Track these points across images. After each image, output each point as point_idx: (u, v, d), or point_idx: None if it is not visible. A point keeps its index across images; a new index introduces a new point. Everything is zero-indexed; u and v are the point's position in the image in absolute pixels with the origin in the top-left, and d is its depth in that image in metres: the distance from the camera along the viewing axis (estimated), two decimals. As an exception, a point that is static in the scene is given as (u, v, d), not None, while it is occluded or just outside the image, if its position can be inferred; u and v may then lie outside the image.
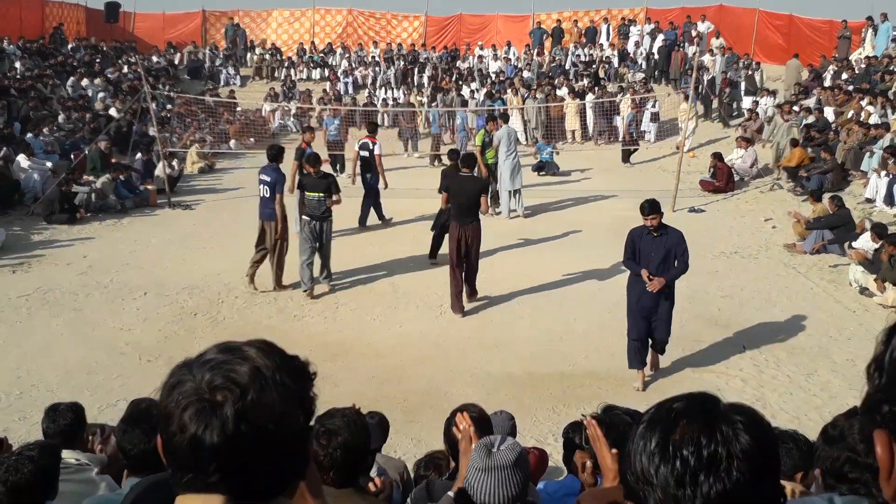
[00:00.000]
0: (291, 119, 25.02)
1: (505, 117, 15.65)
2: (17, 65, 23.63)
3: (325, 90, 26.98)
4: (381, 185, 14.09)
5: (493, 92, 24.07)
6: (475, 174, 11.21)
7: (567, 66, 28.42)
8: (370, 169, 14.00)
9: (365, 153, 14.09)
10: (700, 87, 21.21)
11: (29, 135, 17.57)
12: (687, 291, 10.89)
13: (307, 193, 10.53)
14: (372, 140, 14.17)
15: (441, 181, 11.27)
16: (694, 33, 27.72)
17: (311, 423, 1.39)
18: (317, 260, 10.75)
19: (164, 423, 1.29)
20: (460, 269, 10.16)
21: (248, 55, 31.62)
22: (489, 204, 11.06)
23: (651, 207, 7.97)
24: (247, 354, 1.32)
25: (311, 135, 13.92)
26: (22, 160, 15.86)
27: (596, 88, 24.60)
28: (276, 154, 11.00)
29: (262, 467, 1.28)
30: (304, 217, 10.64)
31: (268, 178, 10.59)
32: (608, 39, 30.18)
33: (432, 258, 12.10)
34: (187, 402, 1.26)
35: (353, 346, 9.10)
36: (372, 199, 14.21)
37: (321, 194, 10.37)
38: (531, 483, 4.28)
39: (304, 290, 10.62)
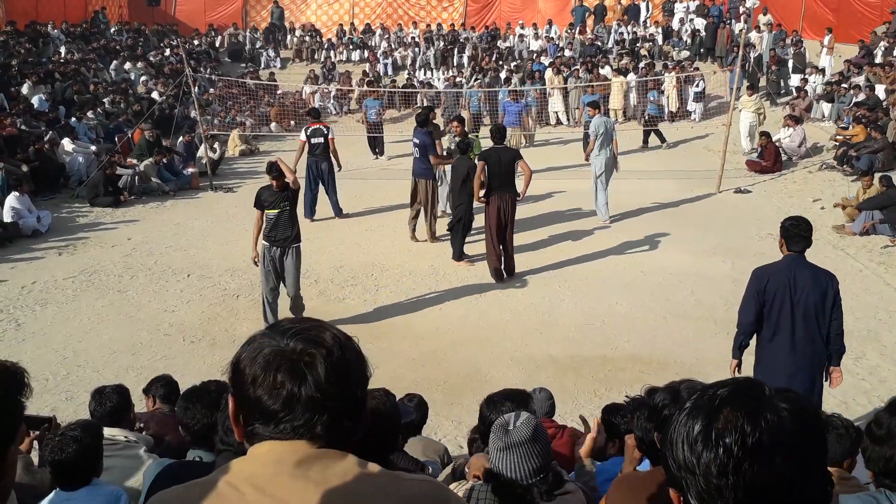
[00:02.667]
0: (332, 101, 25.03)
1: (594, 104, 14.28)
2: (62, 49, 23.94)
3: (364, 71, 26.94)
4: (336, 169, 13.70)
5: (530, 73, 23.91)
6: (508, 144, 11.26)
7: (610, 45, 28.03)
8: (328, 156, 13.51)
9: (319, 139, 13.42)
10: (747, 64, 20.70)
11: (73, 119, 17.81)
12: (732, 274, 10.72)
13: (266, 212, 8.61)
14: (324, 126, 13.74)
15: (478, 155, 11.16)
16: (742, 9, 27.11)
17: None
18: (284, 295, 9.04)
19: (252, 385, 1.43)
20: (500, 239, 10.29)
21: (288, 37, 31.67)
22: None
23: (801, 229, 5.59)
24: (322, 324, 1.52)
25: (459, 125, 13.07)
26: (66, 144, 16.10)
27: (640, 66, 24.21)
28: (424, 119, 12.04)
29: (340, 419, 1.46)
30: (263, 242, 8.71)
31: (418, 141, 11.71)
32: (646, 16, 29.65)
33: (459, 259, 11.27)
34: (279, 363, 1.42)
35: (394, 329, 9.10)
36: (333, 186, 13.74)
37: (285, 211, 8.56)
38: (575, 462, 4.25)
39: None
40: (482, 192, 10.37)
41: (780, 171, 16.72)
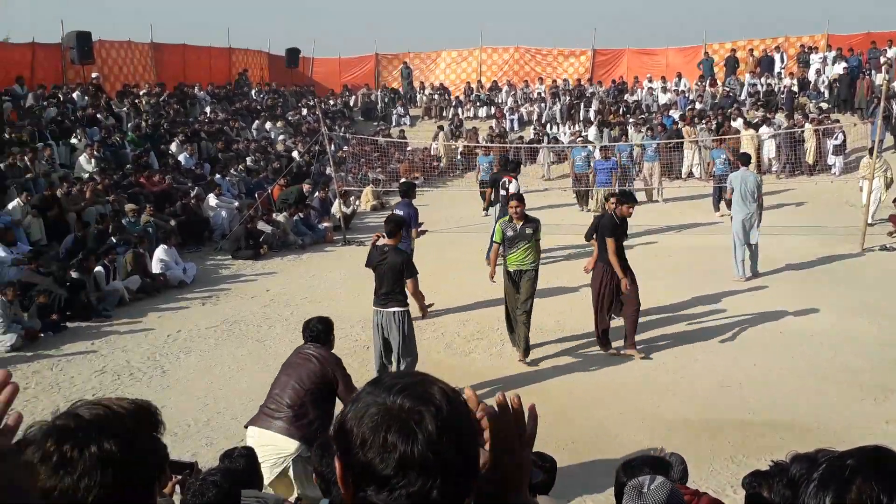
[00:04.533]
0: (459, 156, 25.49)
1: (745, 158, 13.78)
2: (207, 109, 25.48)
3: (491, 127, 27.34)
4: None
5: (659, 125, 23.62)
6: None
7: (742, 97, 27.41)
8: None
9: (502, 192, 13.55)
10: (890, 116, 19.77)
11: (217, 175, 18.84)
12: (879, 335, 10.15)
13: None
14: (509, 178, 13.87)
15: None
16: (883, 59, 25.99)
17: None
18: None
19: (361, 448, 1.35)
20: (605, 312, 9.77)
21: (418, 95, 32.62)
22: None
23: None
24: (429, 378, 1.43)
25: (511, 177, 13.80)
26: (211, 199, 17.03)
27: (776, 118, 23.50)
28: (407, 190, 11.54)
29: (454, 482, 1.35)
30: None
31: (401, 213, 10.65)
32: (781, 67, 28.79)
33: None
34: (388, 424, 1.34)
35: (521, 385, 9.03)
36: None
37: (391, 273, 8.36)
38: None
39: None
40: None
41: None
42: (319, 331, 6.31)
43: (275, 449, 5.82)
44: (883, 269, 13.48)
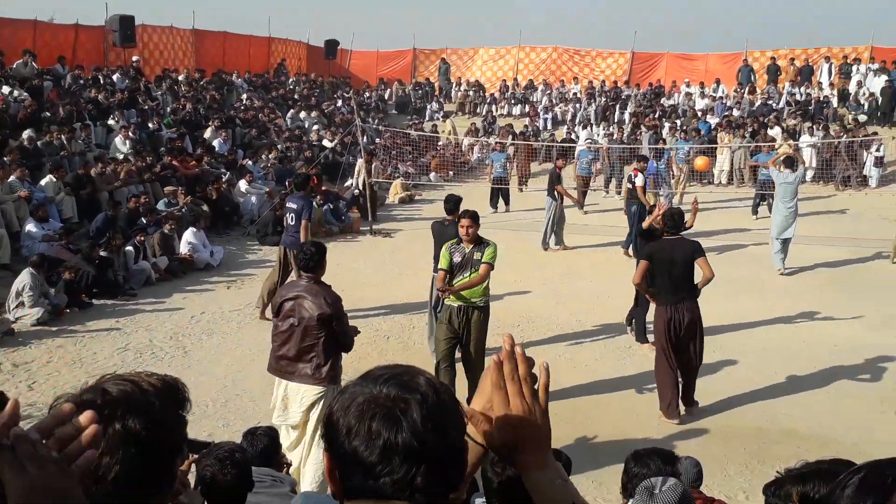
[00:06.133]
0: (491, 152, 25.44)
1: (789, 161, 14.30)
2: (244, 97, 25.69)
3: (525, 125, 27.26)
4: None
5: (686, 130, 23.33)
6: (681, 233, 8.19)
7: (780, 105, 27.08)
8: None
9: (629, 185, 14.48)
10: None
11: (249, 161, 18.99)
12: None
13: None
14: (635, 172, 14.38)
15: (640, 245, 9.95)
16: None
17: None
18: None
19: (347, 437, 1.36)
20: (675, 362, 8.00)
21: (454, 91, 32.62)
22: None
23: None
24: (416, 370, 1.43)
25: (562, 161, 15.36)
26: (242, 185, 17.18)
27: (814, 129, 23.18)
28: (302, 182, 11.31)
29: (439, 472, 1.35)
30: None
31: (294, 206, 10.70)
32: (829, 79, 28.33)
33: (641, 341, 10.16)
34: (373, 412, 1.35)
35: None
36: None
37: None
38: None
39: None
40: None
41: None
42: (312, 253, 6.24)
43: (303, 395, 6.19)
44: (915, 284, 13.26)
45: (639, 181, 14.16)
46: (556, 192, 15.17)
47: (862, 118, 24.80)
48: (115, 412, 1.51)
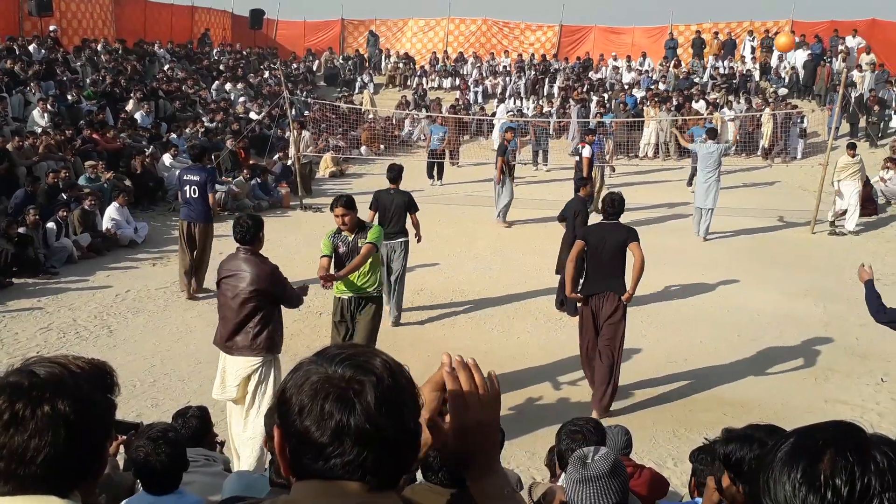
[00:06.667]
0: (421, 126, 25.37)
1: (712, 132, 15.04)
2: (167, 68, 24.98)
3: (455, 99, 27.22)
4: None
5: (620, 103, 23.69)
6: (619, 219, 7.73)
7: (705, 79, 27.64)
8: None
9: (576, 157, 14.60)
10: (847, 104, 20.09)
11: (173, 135, 18.51)
12: (824, 317, 10.37)
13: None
14: (582, 144, 14.56)
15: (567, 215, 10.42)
16: (841, 48, 26.36)
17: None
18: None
19: (299, 415, 1.34)
20: (592, 360, 7.64)
21: (383, 63, 32.31)
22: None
23: None
24: (373, 350, 1.43)
25: (511, 133, 15.74)
26: (166, 159, 16.73)
27: (735, 101, 23.75)
28: (200, 153, 11.30)
29: (392, 454, 1.35)
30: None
31: (196, 178, 10.53)
32: (752, 53, 29.04)
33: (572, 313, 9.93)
34: (327, 392, 1.32)
35: (471, 355, 9.03)
36: None
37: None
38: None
39: None
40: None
41: (876, 215, 16.08)
42: (249, 226, 6.17)
43: (239, 368, 6.11)
44: (831, 252, 13.76)
45: (586, 152, 14.31)
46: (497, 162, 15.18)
47: (783, 91, 25.48)
48: (43, 394, 1.50)
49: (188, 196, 10.56)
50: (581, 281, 7.84)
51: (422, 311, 10.47)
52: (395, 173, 10.15)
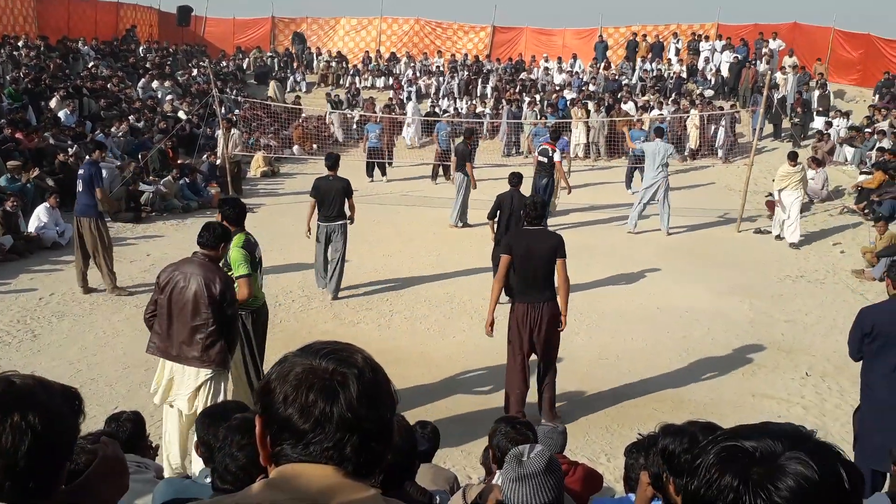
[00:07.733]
0: (354, 126, 25.21)
1: (659, 131, 15.38)
2: (91, 65, 24.30)
3: (389, 98, 27.13)
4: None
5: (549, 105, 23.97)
6: (544, 224, 7.70)
7: (634, 81, 28.15)
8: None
9: (544, 159, 14.21)
10: (770, 105, 20.68)
11: (100, 134, 18.02)
12: (749, 314, 10.66)
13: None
14: (552, 147, 14.27)
15: (497, 211, 10.71)
16: (765, 50, 27.16)
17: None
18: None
19: (283, 404, 1.41)
20: (526, 369, 7.32)
21: (315, 62, 32.02)
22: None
23: None
24: (353, 347, 1.53)
25: (472, 137, 15.75)
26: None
27: (665, 103, 24.25)
28: (94, 148, 11.47)
29: (369, 442, 1.43)
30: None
31: (82, 172, 10.55)
32: (677, 55, 29.72)
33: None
34: (311, 382, 1.41)
35: (407, 355, 9.06)
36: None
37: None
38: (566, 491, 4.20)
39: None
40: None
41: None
42: (219, 234, 5.98)
43: (189, 378, 5.92)
44: (756, 251, 14.15)
45: (557, 157, 14.12)
46: (466, 169, 14.93)
47: (708, 93, 26.12)
48: (16, 403, 1.54)
49: (77, 191, 10.54)
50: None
51: (357, 312, 10.41)
52: (332, 161, 10.77)
